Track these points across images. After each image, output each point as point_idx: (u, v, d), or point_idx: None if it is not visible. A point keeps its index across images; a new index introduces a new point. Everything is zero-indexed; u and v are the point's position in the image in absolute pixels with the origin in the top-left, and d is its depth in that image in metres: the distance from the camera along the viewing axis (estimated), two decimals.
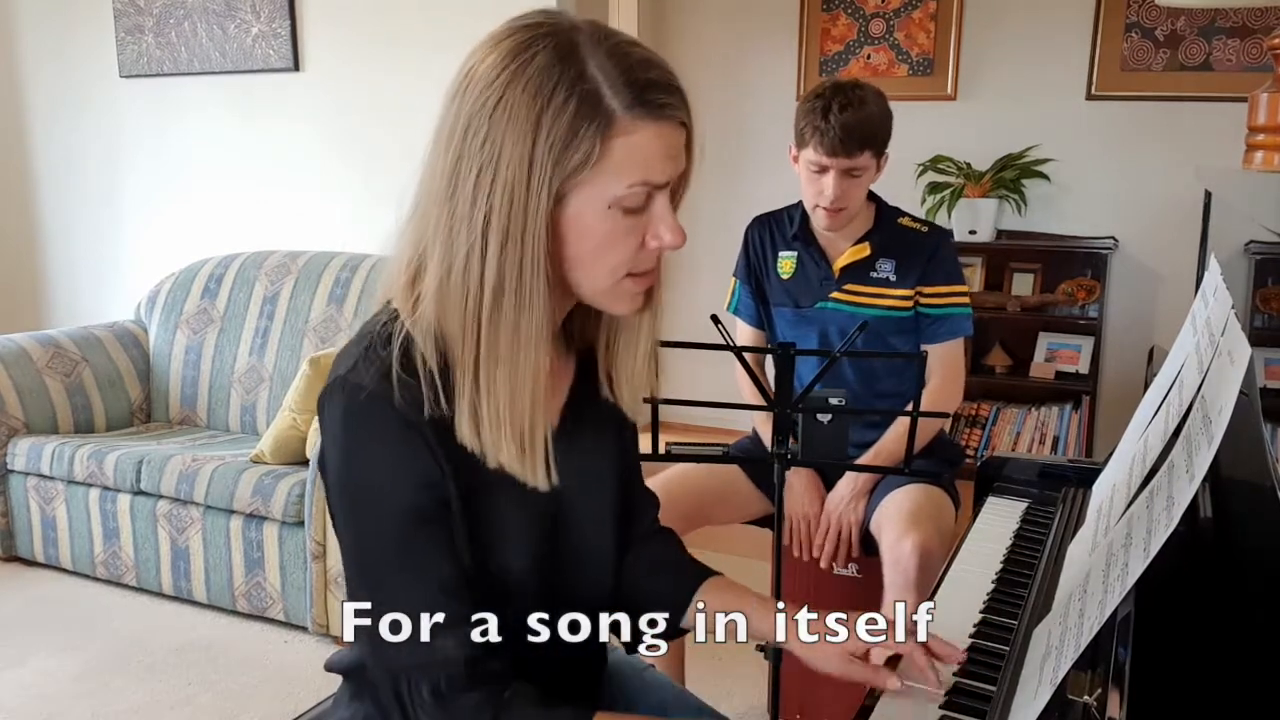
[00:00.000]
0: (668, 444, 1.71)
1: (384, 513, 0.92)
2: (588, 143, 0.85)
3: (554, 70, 0.85)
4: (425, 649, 0.92)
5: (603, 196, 0.87)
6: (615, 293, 0.93)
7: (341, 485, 0.94)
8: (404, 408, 0.89)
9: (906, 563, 1.74)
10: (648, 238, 0.91)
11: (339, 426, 0.92)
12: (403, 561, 0.93)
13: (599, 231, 0.89)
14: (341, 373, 0.92)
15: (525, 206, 0.86)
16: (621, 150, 0.86)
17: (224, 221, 3.84)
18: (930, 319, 2.00)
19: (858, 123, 1.84)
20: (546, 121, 0.84)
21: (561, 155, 0.85)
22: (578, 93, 0.84)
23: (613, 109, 0.85)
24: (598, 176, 0.86)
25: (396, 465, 0.91)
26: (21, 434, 3.04)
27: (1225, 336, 0.90)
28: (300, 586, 2.63)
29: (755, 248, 2.10)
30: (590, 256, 0.90)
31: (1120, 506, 1.01)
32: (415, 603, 0.92)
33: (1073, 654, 0.78)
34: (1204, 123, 3.55)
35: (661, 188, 0.90)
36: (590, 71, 0.85)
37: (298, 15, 3.55)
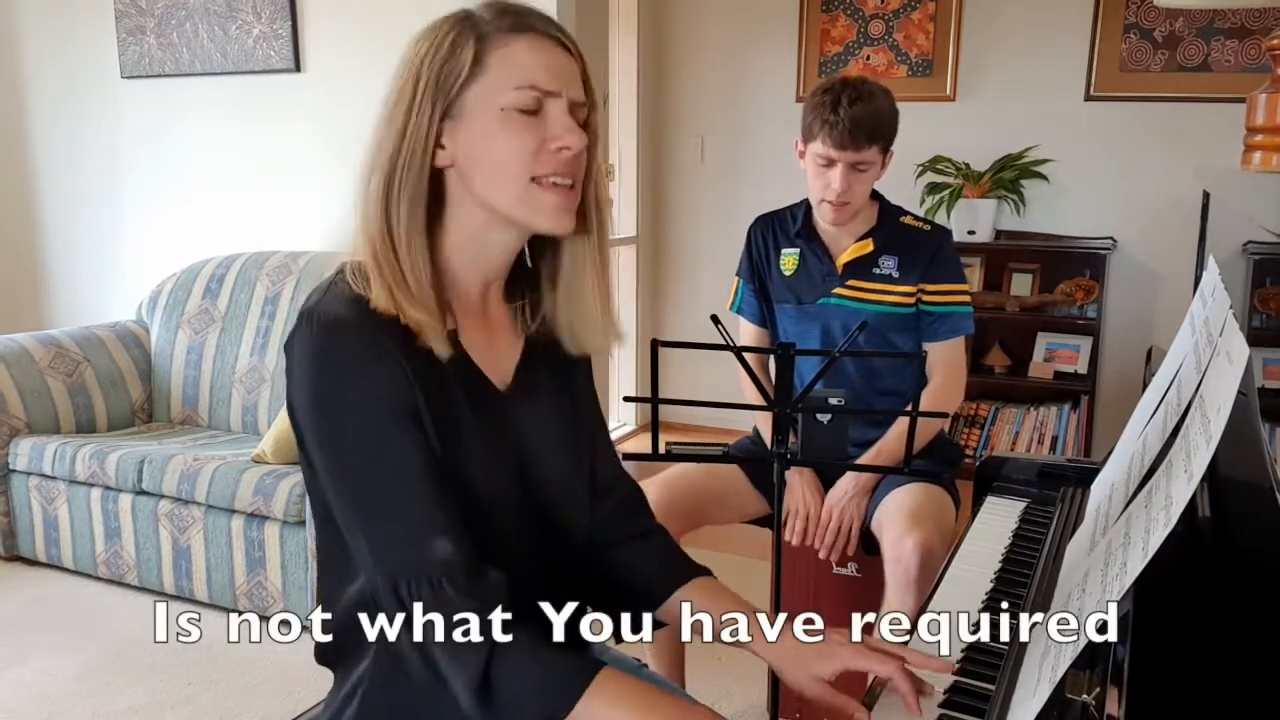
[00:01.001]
0: (668, 444, 1.72)
1: (363, 423, 0.96)
2: (464, 54, 0.97)
3: (442, 23, 1.00)
4: (419, 550, 0.95)
5: (493, 101, 0.97)
6: (530, 201, 0.99)
7: (317, 410, 0.97)
8: (368, 326, 0.96)
9: (908, 561, 1.74)
10: (548, 140, 0.98)
11: (309, 355, 0.97)
12: (387, 468, 0.96)
13: (495, 134, 0.98)
14: (309, 306, 0.99)
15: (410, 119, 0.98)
16: (499, 60, 0.97)
17: (225, 222, 3.85)
18: (932, 317, 2.01)
19: (866, 116, 1.86)
20: (430, 51, 0.98)
21: (443, 69, 0.97)
22: (457, 26, 0.98)
23: (486, 30, 0.98)
24: (484, 84, 0.97)
25: (369, 377, 0.96)
26: (23, 434, 3.04)
27: (1223, 336, 0.90)
28: (301, 586, 2.63)
29: (758, 246, 2.11)
30: (489, 159, 0.98)
31: (1119, 506, 1.02)
32: (405, 506, 0.96)
33: (1071, 653, 0.79)
34: (1202, 123, 3.55)
35: (551, 95, 0.98)
36: (472, 14, 1.00)
37: (299, 16, 3.55)
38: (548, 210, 1.00)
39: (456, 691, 0.94)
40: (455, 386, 1.01)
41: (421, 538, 0.95)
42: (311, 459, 1.01)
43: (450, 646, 0.93)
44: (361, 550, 0.98)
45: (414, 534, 0.95)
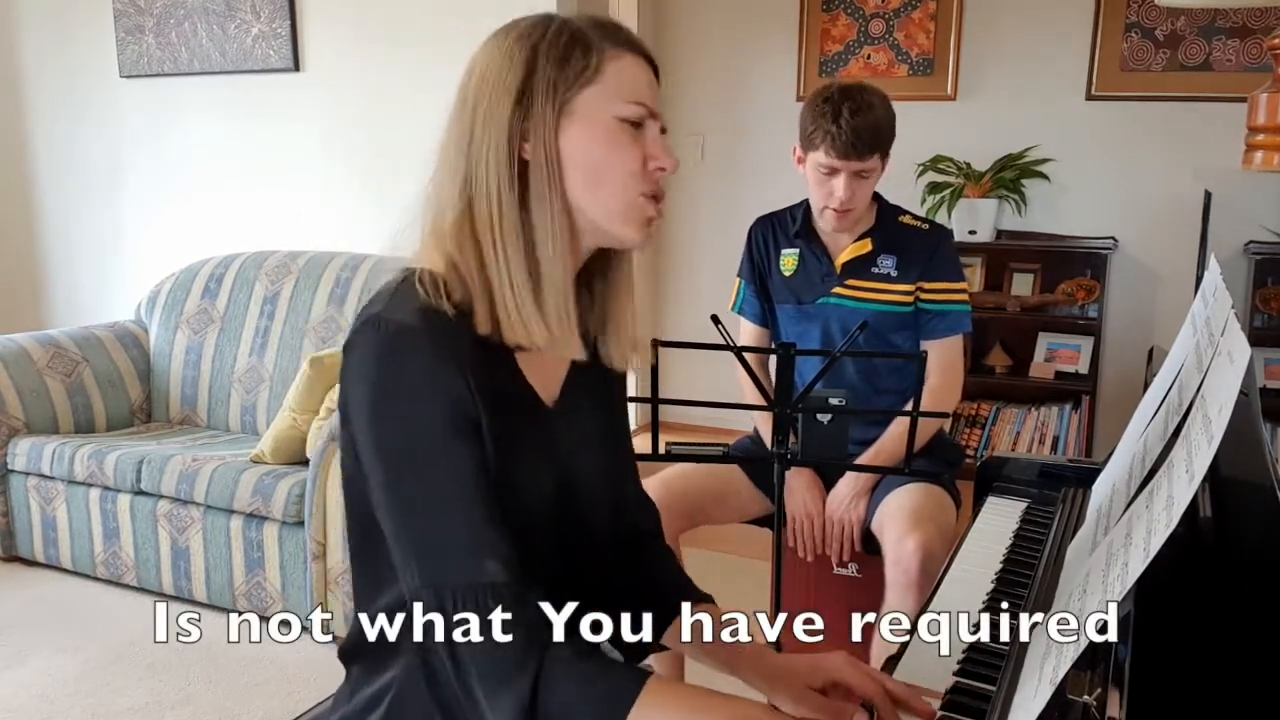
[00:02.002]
0: (668, 444, 1.72)
1: (424, 435, 0.95)
2: (582, 59, 0.98)
3: (542, 23, 1.00)
4: (470, 566, 0.93)
5: (607, 108, 0.98)
6: (628, 215, 1.00)
7: (378, 417, 0.95)
8: (436, 335, 0.95)
9: (908, 562, 1.74)
10: (648, 159, 1.00)
11: (373, 361, 0.95)
12: (445, 482, 0.95)
13: (608, 141, 0.99)
14: (375, 311, 0.96)
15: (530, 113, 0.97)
16: (613, 71, 0.99)
17: (224, 221, 3.84)
18: (930, 315, 2.01)
19: (867, 126, 1.87)
20: (543, 48, 0.97)
21: (562, 66, 0.97)
22: (566, 30, 0.99)
23: (597, 43, 0.99)
24: (598, 90, 0.98)
25: (433, 388, 0.94)
26: (22, 434, 3.04)
27: (1225, 336, 0.90)
28: (300, 586, 2.63)
29: (758, 246, 2.12)
30: (602, 169, 0.99)
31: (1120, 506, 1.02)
32: (459, 523, 0.94)
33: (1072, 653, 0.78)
34: (1204, 123, 3.55)
35: (652, 116, 1.01)
36: (574, 23, 1.00)
37: (298, 15, 3.55)
38: (640, 220, 1.02)
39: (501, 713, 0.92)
40: (509, 400, 1.01)
41: (473, 556, 0.94)
42: (364, 466, 0.99)
43: (496, 668, 0.92)
44: (408, 563, 0.96)
45: (466, 552, 0.94)
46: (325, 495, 2.53)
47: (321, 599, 2.57)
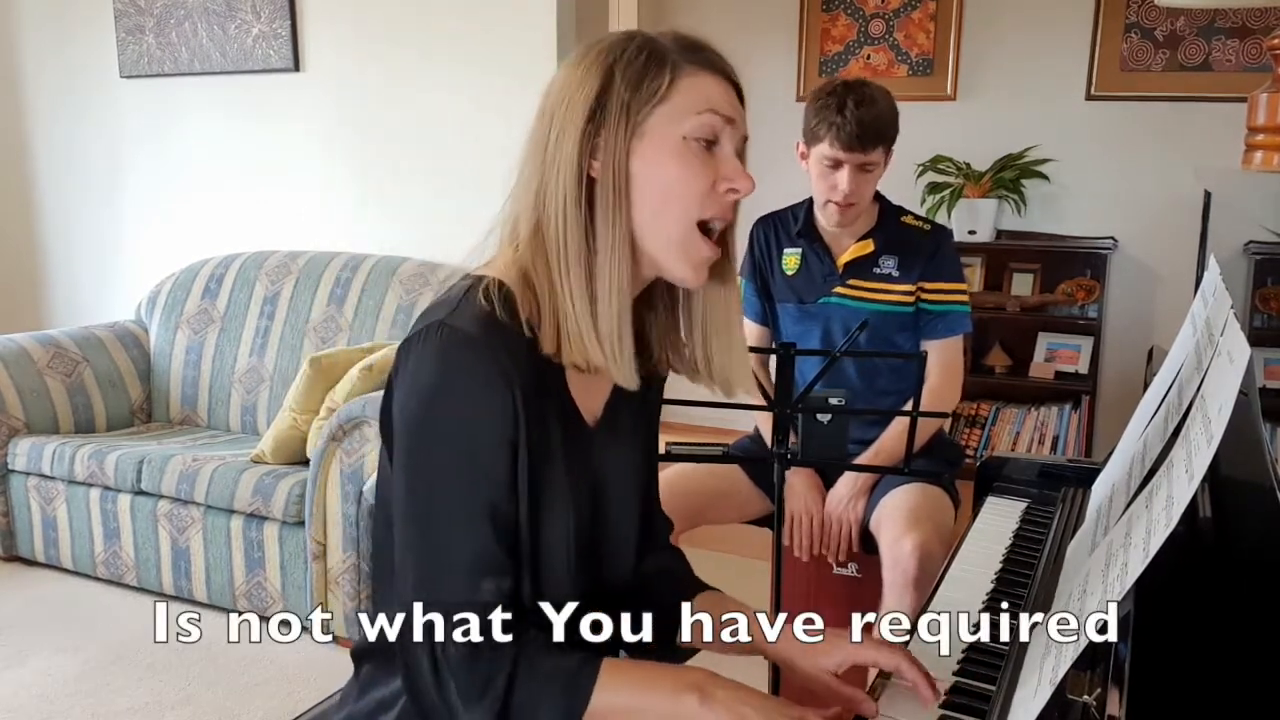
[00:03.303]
0: (668, 444, 1.72)
1: (462, 448, 0.95)
2: (658, 78, 0.97)
3: (623, 40, 1.00)
4: (467, 586, 0.94)
5: (676, 128, 0.97)
6: (686, 247, 0.98)
7: (421, 421, 0.95)
8: (498, 351, 0.94)
9: (906, 562, 1.74)
10: (718, 181, 0.98)
11: (431, 366, 0.94)
12: (465, 497, 0.95)
13: (673, 165, 0.97)
14: (439, 318, 0.96)
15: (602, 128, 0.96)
16: (688, 87, 0.98)
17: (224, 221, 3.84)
18: (930, 315, 2.02)
19: (872, 119, 1.88)
20: (620, 66, 0.97)
21: (637, 86, 0.97)
22: (646, 48, 0.99)
23: (676, 59, 0.99)
24: (670, 109, 0.97)
25: (483, 403, 0.94)
26: (22, 434, 3.04)
27: (1225, 336, 0.90)
28: (300, 586, 2.63)
29: (760, 246, 2.12)
30: (666, 190, 0.97)
31: (1120, 506, 1.02)
32: (467, 540, 0.95)
33: (1072, 653, 0.78)
34: (1204, 123, 3.55)
35: (729, 122, 0.99)
36: (653, 39, 1.00)
37: (298, 15, 3.55)
38: (696, 258, 1.00)
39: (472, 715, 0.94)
40: (554, 416, 1.01)
41: (471, 574, 0.95)
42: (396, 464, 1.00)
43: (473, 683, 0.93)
44: (406, 567, 0.97)
45: (465, 569, 0.95)
46: (325, 495, 2.53)
47: (321, 599, 2.58)
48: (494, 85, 3.10)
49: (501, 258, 1.02)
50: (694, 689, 0.94)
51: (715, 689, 0.94)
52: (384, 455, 1.04)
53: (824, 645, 1.07)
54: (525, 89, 3.00)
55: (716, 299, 1.07)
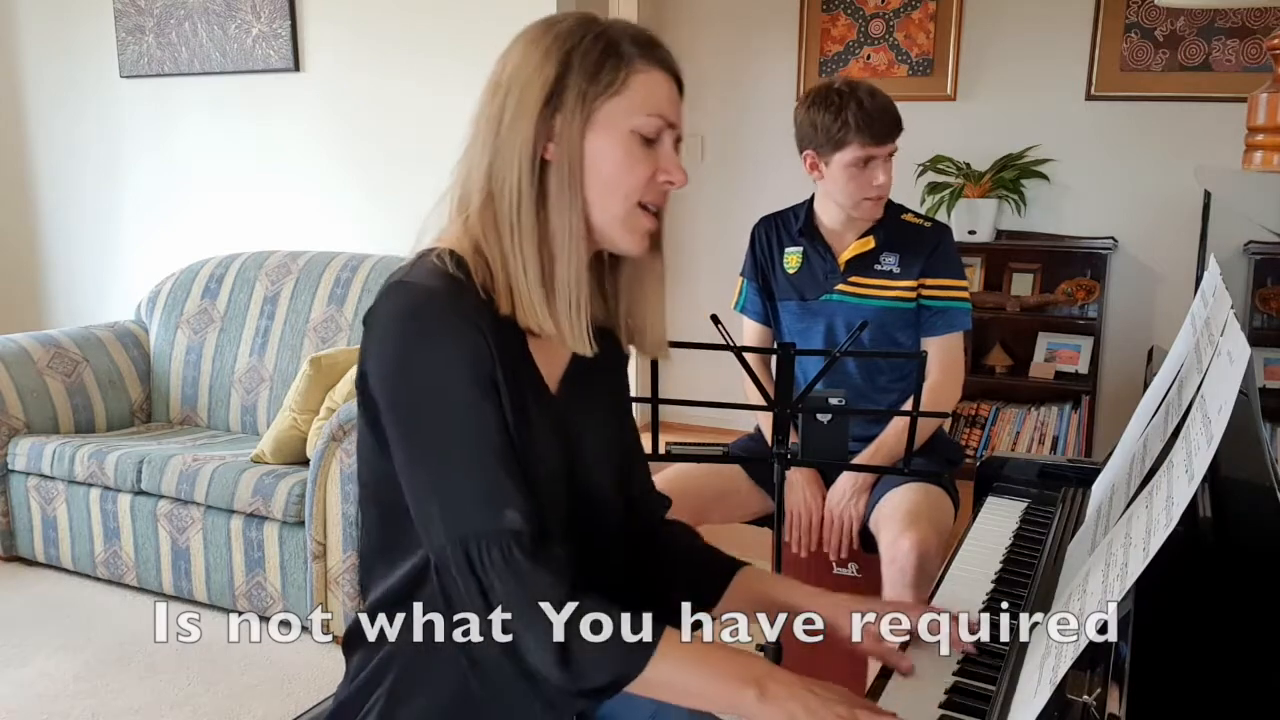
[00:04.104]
0: (668, 444, 1.72)
1: (446, 386, 0.97)
2: (614, 70, 1.01)
3: (580, 28, 1.03)
4: (492, 515, 0.96)
5: (626, 122, 1.02)
6: (629, 222, 1.04)
7: (400, 373, 0.98)
8: (462, 301, 0.99)
9: (904, 561, 1.74)
10: (658, 173, 1.04)
11: (397, 319, 0.98)
12: (466, 432, 0.97)
13: (619, 154, 1.02)
14: (397, 278, 1.00)
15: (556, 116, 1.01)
16: (639, 84, 1.02)
17: (224, 221, 3.85)
18: (930, 311, 2.02)
19: (889, 106, 1.92)
20: (577, 55, 1.01)
21: (594, 76, 1.01)
22: (602, 39, 1.02)
23: (630, 52, 1.02)
24: (621, 102, 1.01)
25: (456, 343, 0.98)
26: (22, 434, 3.04)
27: (1224, 336, 0.90)
28: (301, 586, 2.63)
29: (762, 245, 2.12)
30: (611, 178, 1.02)
31: (1120, 506, 1.02)
32: (480, 472, 0.97)
33: (1072, 653, 0.78)
34: (1204, 123, 3.55)
35: (670, 127, 1.05)
36: (610, 30, 1.03)
37: (298, 16, 3.55)
38: (638, 231, 1.05)
39: (533, 656, 0.95)
40: (520, 379, 1.04)
41: (494, 505, 0.96)
42: (383, 427, 1.01)
43: (527, 611, 0.94)
44: (431, 518, 0.98)
45: (487, 500, 0.97)
46: (325, 495, 2.53)
47: (321, 599, 2.57)
48: None
49: (451, 230, 1.05)
50: (753, 683, 0.94)
51: (773, 684, 0.94)
52: (363, 429, 1.05)
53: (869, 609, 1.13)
54: None
55: (649, 267, 1.13)
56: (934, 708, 1.02)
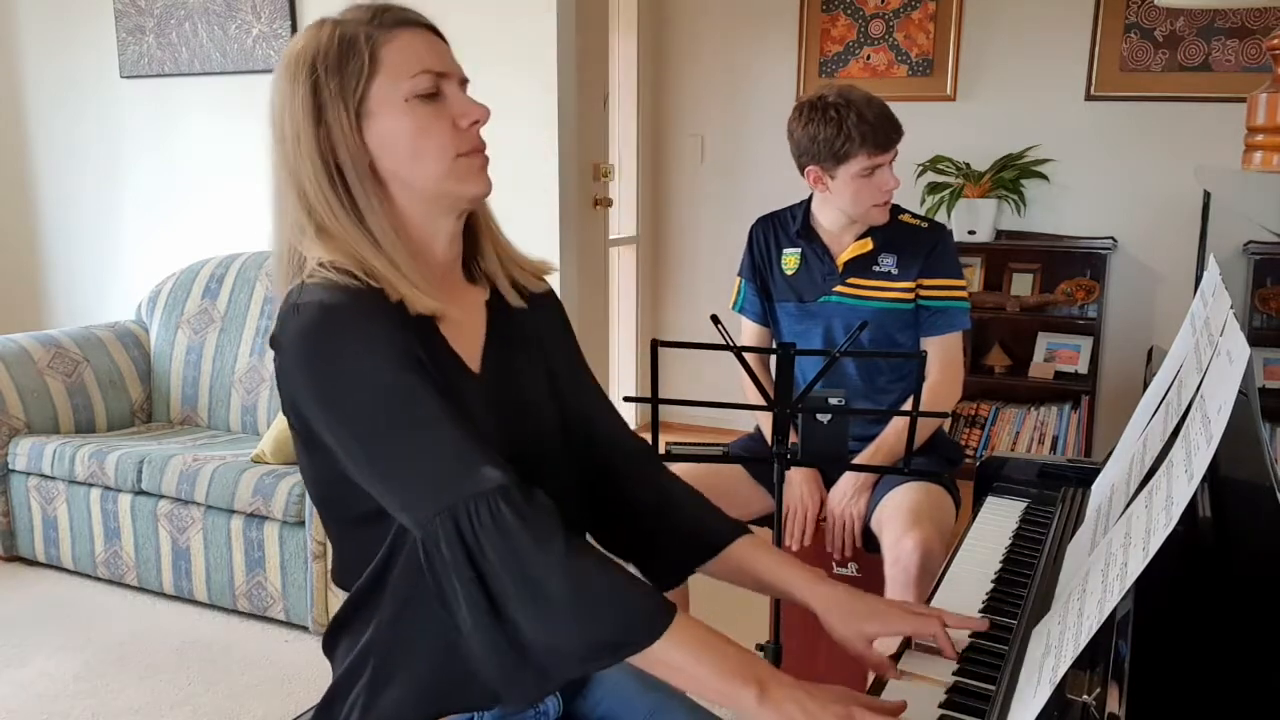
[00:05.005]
0: (668, 444, 1.72)
1: (375, 379, 0.97)
2: (358, 57, 1.02)
3: (314, 38, 1.05)
4: (470, 477, 0.95)
5: (395, 93, 1.03)
6: (455, 174, 1.06)
7: (326, 382, 0.98)
8: (367, 305, 1.00)
9: (907, 561, 1.74)
10: (456, 119, 1.05)
11: (310, 343, 0.99)
12: (412, 414, 0.97)
13: (408, 124, 1.03)
14: (293, 302, 1.02)
15: (330, 127, 1.03)
16: (390, 53, 1.03)
17: (225, 222, 3.84)
18: (929, 311, 2.02)
19: (886, 111, 1.92)
20: (321, 62, 1.03)
21: (342, 72, 1.02)
22: (336, 35, 1.04)
23: (368, 33, 1.04)
24: (382, 80, 1.03)
25: (371, 337, 0.99)
26: (23, 434, 3.04)
27: (1224, 336, 0.90)
28: (301, 586, 2.63)
29: (760, 246, 2.12)
30: (412, 149, 1.04)
31: (1119, 506, 1.02)
32: (440, 445, 0.97)
33: (1072, 653, 0.78)
34: (1203, 123, 3.55)
35: (444, 76, 1.05)
36: (342, 22, 1.05)
37: (298, 16, 3.55)
38: (473, 175, 1.07)
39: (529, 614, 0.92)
40: (441, 366, 1.04)
41: (468, 467, 0.95)
42: (323, 442, 1.01)
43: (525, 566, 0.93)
44: (409, 502, 0.97)
45: (462, 467, 0.96)
46: None
47: (321, 599, 2.58)
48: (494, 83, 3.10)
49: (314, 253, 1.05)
50: (755, 683, 0.93)
51: (775, 686, 0.93)
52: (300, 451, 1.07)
53: (869, 610, 1.11)
54: (525, 86, 3.01)
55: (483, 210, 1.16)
56: (934, 708, 1.02)
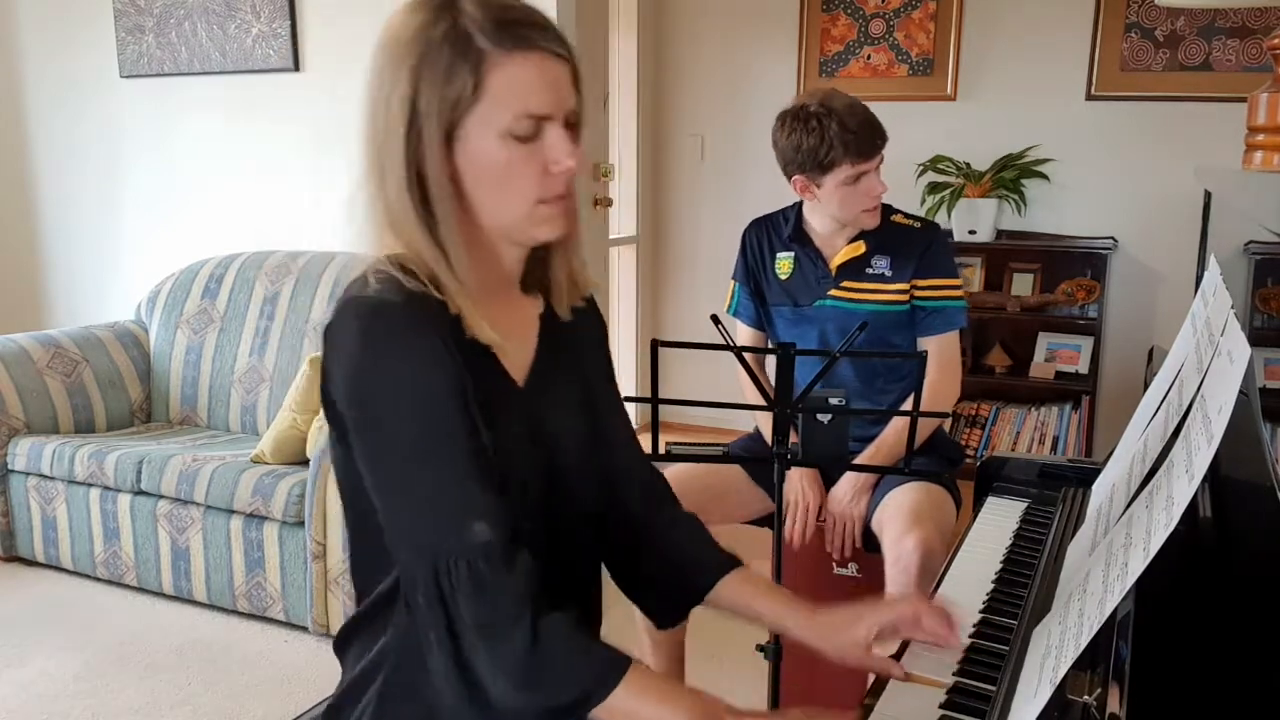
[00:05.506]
0: (668, 444, 1.72)
1: (413, 407, 0.96)
2: (463, 80, 0.96)
3: (432, 24, 0.96)
4: (459, 531, 0.95)
5: (492, 127, 0.97)
6: (533, 218, 1.01)
7: (364, 391, 0.97)
8: (421, 312, 0.98)
9: (908, 561, 1.74)
10: (548, 164, 0.99)
11: (358, 340, 0.97)
12: (432, 447, 0.96)
13: (499, 160, 0.98)
14: (353, 295, 0.99)
15: (421, 140, 0.97)
16: (498, 83, 0.96)
17: (224, 221, 3.84)
18: (925, 312, 2.02)
19: (869, 118, 1.90)
20: (426, 66, 0.96)
21: (443, 93, 0.96)
22: (451, 40, 0.96)
23: (482, 48, 0.96)
24: (483, 110, 0.96)
25: (418, 357, 0.97)
26: (22, 434, 3.04)
27: (1225, 336, 0.90)
28: (300, 586, 2.63)
29: (753, 249, 2.12)
30: (498, 185, 0.99)
31: (1120, 506, 1.02)
32: (448, 487, 0.96)
33: (1072, 653, 0.78)
34: (1204, 123, 3.55)
35: (547, 119, 0.98)
36: (462, 20, 0.96)
37: (298, 16, 3.55)
38: (547, 223, 1.02)
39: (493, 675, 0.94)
40: (487, 379, 1.02)
41: (462, 520, 0.95)
42: (351, 446, 1.01)
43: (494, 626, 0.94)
44: (402, 536, 0.98)
45: (455, 516, 0.95)
46: (325, 495, 2.53)
47: (321, 599, 2.57)
48: None
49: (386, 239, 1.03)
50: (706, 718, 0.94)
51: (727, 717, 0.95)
52: (334, 443, 1.05)
53: (842, 622, 1.09)
54: None
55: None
56: (934, 708, 1.02)
